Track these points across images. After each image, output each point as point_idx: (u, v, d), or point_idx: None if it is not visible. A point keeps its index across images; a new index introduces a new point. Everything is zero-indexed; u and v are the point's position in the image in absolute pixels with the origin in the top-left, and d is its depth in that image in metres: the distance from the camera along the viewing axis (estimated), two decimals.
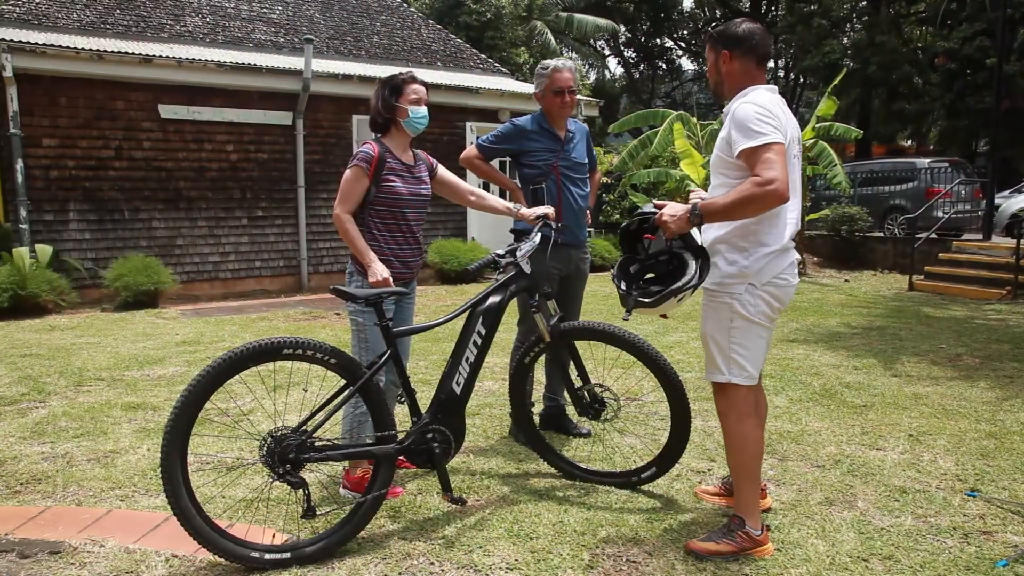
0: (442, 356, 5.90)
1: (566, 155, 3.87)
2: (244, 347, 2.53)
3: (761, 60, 2.69)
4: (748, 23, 2.69)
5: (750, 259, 2.61)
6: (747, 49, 2.66)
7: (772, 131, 2.47)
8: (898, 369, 5.54)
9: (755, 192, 2.41)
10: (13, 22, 10.35)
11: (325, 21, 13.56)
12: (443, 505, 3.09)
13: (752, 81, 2.68)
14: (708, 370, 2.76)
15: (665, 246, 2.71)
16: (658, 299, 2.61)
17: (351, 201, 3.13)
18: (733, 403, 2.69)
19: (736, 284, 2.62)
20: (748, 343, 2.65)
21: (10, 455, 3.71)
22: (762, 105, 2.53)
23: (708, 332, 2.72)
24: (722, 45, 2.69)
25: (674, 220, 2.59)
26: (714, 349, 2.69)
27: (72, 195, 9.41)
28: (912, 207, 13.49)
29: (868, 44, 21.89)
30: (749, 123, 2.48)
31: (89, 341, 6.80)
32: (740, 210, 2.49)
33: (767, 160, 2.43)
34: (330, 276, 11.23)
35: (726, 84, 2.73)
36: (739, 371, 2.65)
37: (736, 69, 2.68)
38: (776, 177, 2.40)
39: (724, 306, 2.65)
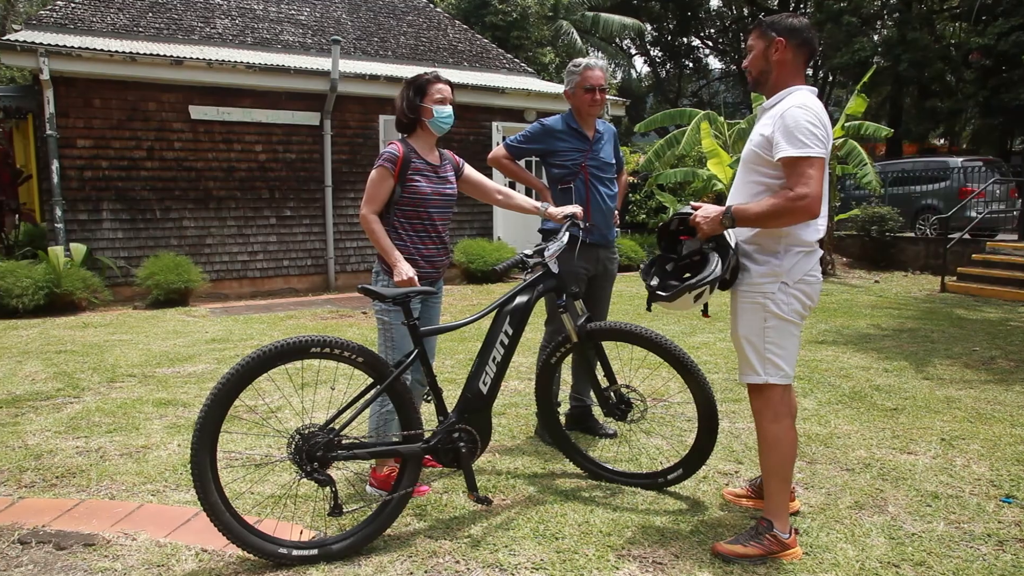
0: (468, 355, 5.92)
1: (594, 155, 3.86)
2: (273, 345, 2.56)
3: (809, 57, 2.67)
4: (797, 18, 2.66)
5: (782, 258, 2.62)
6: (802, 41, 2.63)
7: (818, 144, 2.46)
8: (930, 372, 5.45)
9: (787, 206, 2.46)
10: (51, 26, 10.57)
11: (352, 22, 13.66)
12: (469, 504, 3.10)
13: (798, 76, 2.66)
14: (743, 372, 2.74)
15: (699, 247, 2.74)
16: (673, 294, 2.65)
17: (377, 201, 3.16)
18: (769, 402, 2.67)
19: (769, 283, 2.62)
20: (783, 342, 2.64)
21: (47, 449, 3.79)
22: (815, 113, 2.50)
23: (742, 334, 2.70)
24: (777, 32, 2.63)
25: (707, 221, 2.64)
26: (749, 350, 2.68)
27: (105, 195, 9.58)
28: (944, 207, 13.24)
29: (899, 41, 21.54)
30: (798, 132, 2.46)
31: (121, 338, 6.92)
32: (771, 220, 2.54)
33: (806, 175, 2.44)
34: (357, 275, 11.32)
35: (774, 74, 2.66)
36: (775, 371, 2.64)
37: (788, 59, 2.63)
38: (809, 194, 2.43)
39: (758, 306, 2.64)
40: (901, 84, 23.11)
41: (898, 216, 13.26)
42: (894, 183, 14.95)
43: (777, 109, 2.59)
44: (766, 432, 2.69)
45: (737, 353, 2.77)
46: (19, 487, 3.31)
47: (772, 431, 2.67)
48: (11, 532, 2.82)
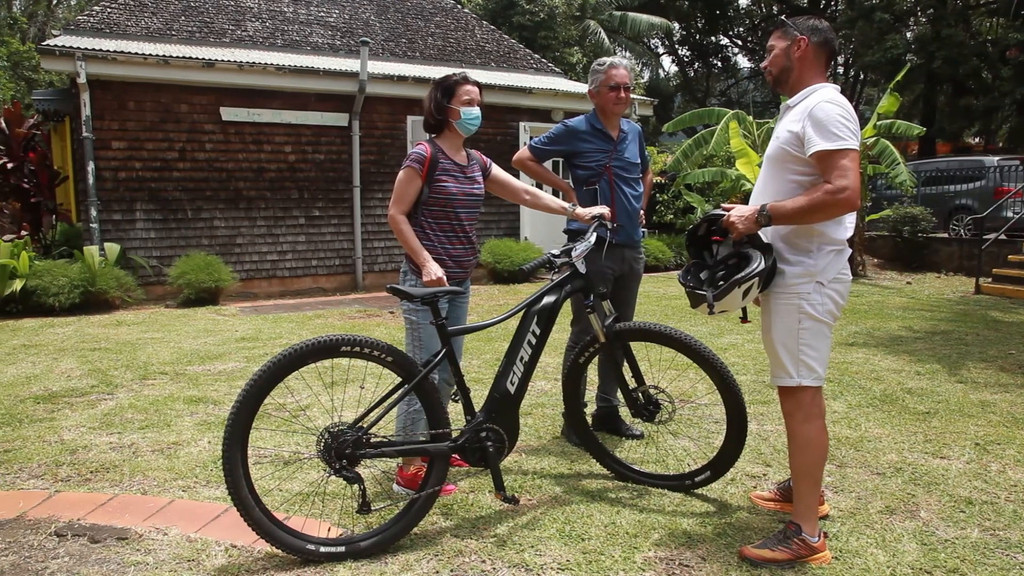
0: (495, 355, 5.94)
1: (619, 155, 3.85)
2: (303, 344, 2.59)
3: (830, 58, 2.67)
4: (818, 20, 2.67)
5: (816, 257, 2.59)
6: (824, 40, 2.64)
7: (851, 136, 2.45)
8: (963, 375, 5.35)
9: (827, 200, 2.43)
10: (88, 31, 10.80)
11: (380, 23, 13.75)
12: (495, 504, 3.10)
13: (819, 75, 2.65)
14: (775, 375, 2.70)
15: (733, 249, 2.68)
16: (722, 290, 2.58)
17: (405, 202, 3.18)
18: (800, 404, 2.64)
19: (803, 284, 2.59)
20: (816, 343, 2.61)
21: (82, 444, 3.87)
22: (844, 106, 2.50)
23: (775, 336, 2.66)
24: (799, 31, 2.64)
25: (742, 221, 2.60)
26: (783, 353, 2.64)
27: (138, 195, 9.77)
28: (979, 207, 12.97)
29: (933, 38, 21.14)
30: (830, 125, 2.45)
31: (154, 336, 7.05)
32: (810, 216, 2.50)
33: (842, 167, 2.42)
34: (384, 275, 11.39)
35: (795, 72, 2.66)
36: (808, 373, 2.61)
37: (810, 57, 2.63)
38: (848, 186, 2.40)
39: (792, 307, 2.61)
40: (934, 82, 22.68)
41: (931, 216, 13.02)
42: (927, 183, 14.68)
43: (804, 105, 2.57)
44: (797, 433, 2.66)
45: (769, 356, 2.73)
46: (55, 481, 3.39)
47: (803, 432, 2.64)
48: (48, 524, 2.89)
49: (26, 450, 3.79)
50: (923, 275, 12.27)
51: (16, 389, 5.02)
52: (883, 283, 11.36)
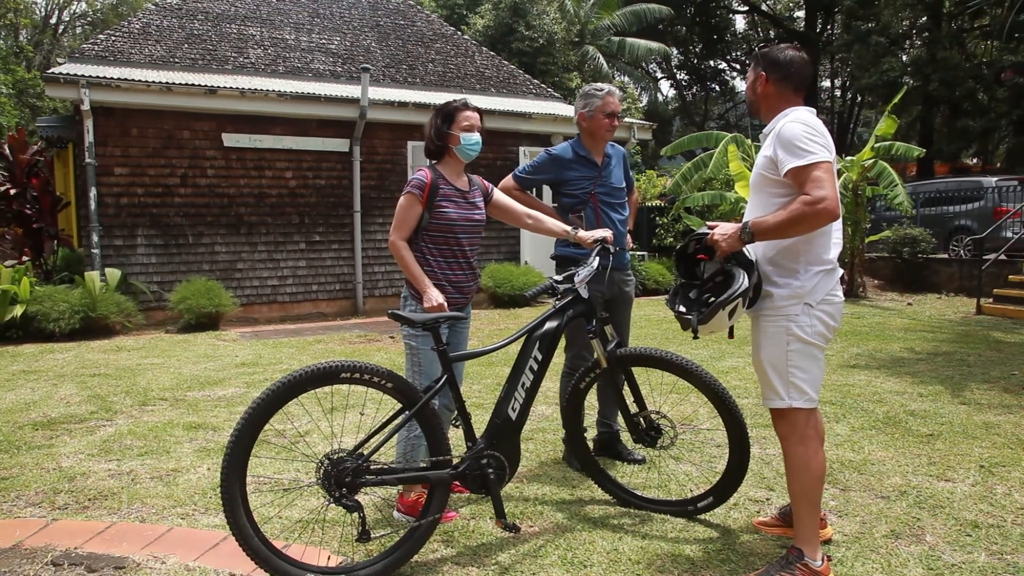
0: (495, 380, 5.92)
1: (604, 180, 3.87)
2: (303, 370, 2.58)
3: (798, 88, 2.71)
4: (792, 51, 2.72)
5: (802, 279, 2.61)
6: (784, 76, 2.69)
7: (820, 149, 2.49)
8: (967, 396, 5.32)
9: (806, 211, 2.45)
10: (92, 59, 10.92)
11: (381, 50, 13.89)
12: (496, 531, 3.07)
13: (788, 104, 2.70)
14: (766, 396, 2.70)
15: (720, 267, 2.70)
16: (707, 314, 2.59)
17: (406, 227, 3.19)
18: (794, 426, 2.64)
19: (792, 305, 2.60)
20: (807, 365, 2.60)
21: (80, 471, 3.85)
22: (808, 124, 2.55)
23: (765, 358, 2.66)
24: (762, 67, 2.73)
25: (725, 239, 2.62)
26: (772, 375, 2.64)
27: (140, 221, 9.80)
28: (979, 227, 13.00)
29: (929, 60, 21.34)
30: (796, 141, 2.50)
31: (154, 362, 7.03)
32: (791, 229, 2.51)
33: (816, 179, 2.45)
34: (385, 300, 11.39)
35: (761, 105, 2.77)
36: (799, 395, 2.61)
37: (771, 92, 2.72)
38: (826, 196, 2.43)
39: (780, 330, 2.61)
40: (931, 103, 22.83)
41: (931, 237, 13.05)
42: (926, 204, 14.73)
43: (773, 132, 2.64)
44: (792, 456, 2.65)
45: (760, 378, 2.73)
46: (53, 509, 3.36)
47: (798, 454, 2.63)
48: (44, 554, 2.86)
49: (24, 477, 3.76)
50: (924, 296, 12.26)
51: (15, 415, 5.00)
52: (884, 304, 11.35)
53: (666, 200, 14.87)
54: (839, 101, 34.63)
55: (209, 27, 12.56)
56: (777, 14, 33.78)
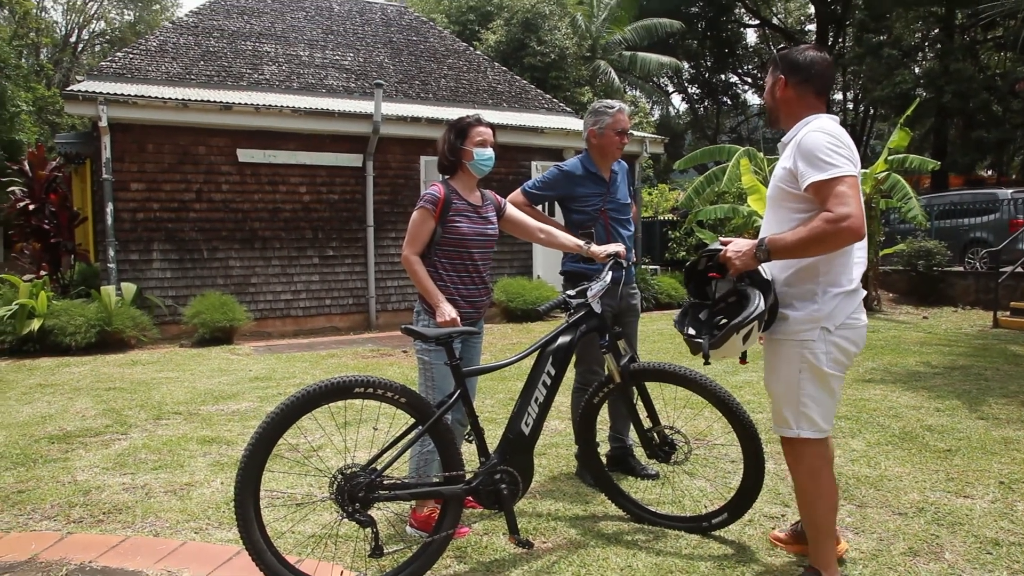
0: (508, 395, 5.91)
1: (612, 196, 3.88)
2: (317, 385, 2.59)
3: (820, 91, 2.55)
4: (813, 51, 2.55)
5: (821, 301, 2.45)
6: (805, 78, 2.52)
7: (844, 163, 2.32)
8: (984, 411, 5.26)
9: (827, 229, 2.27)
10: (110, 76, 11.08)
11: (394, 66, 14.01)
12: (510, 546, 3.06)
13: (810, 110, 2.54)
14: (776, 422, 2.60)
15: (732, 286, 2.55)
16: (720, 337, 2.45)
17: (419, 242, 3.20)
18: (802, 456, 2.53)
19: (808, 330, 2.45)
20: (819, 395, 2.47)
21: (95, 485, 3.87)
22: (832, 134, 2.38)
23: (775, 384, 2.55)
24: (780, 70, 2.56)
25: (739, 256, 2.47)
26: (782, 402, 2.52)
27: (156, 236, 9.90)
28: (995, 240, 12.89)
29: (942, 72, 21.27)
30: (819, 153, 2.33)
31: (168, 376, 7.07)
32: (811, 248, 2.35)
33: (840, 194, 2.28)
34: (397, 314, 11.42)
35: (781, 111, 2.60)
36: (809, 425, 2.48)
37: (791, 97, 2.55)
38: (850, 213, 2.25)
39: (794, 356, 2.48)
40: (945, 115, 22.73)
41: (946, 250, 12.95)
42: (941, 216, 14.63)
43: (793, 142, 2.48)
44: (803, 488, 2.56)
45: (771, 402, 2.62)
46: (68, 522, 3.38)
47: (808, 487, 2.53)
48: (59, 567, 2.87)
49: (40, 491, 3.79)
50: (939, 309, 12.15)
51: (31, 429, 5.04)
52: (899, 318, 11.26)
53: (678, 214, 14.87)
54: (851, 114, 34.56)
55: (225, 44, 12.72)
56: (788, 28, 33.82)
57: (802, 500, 2.58)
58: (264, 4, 14.11)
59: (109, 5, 33.93)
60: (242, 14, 13.60)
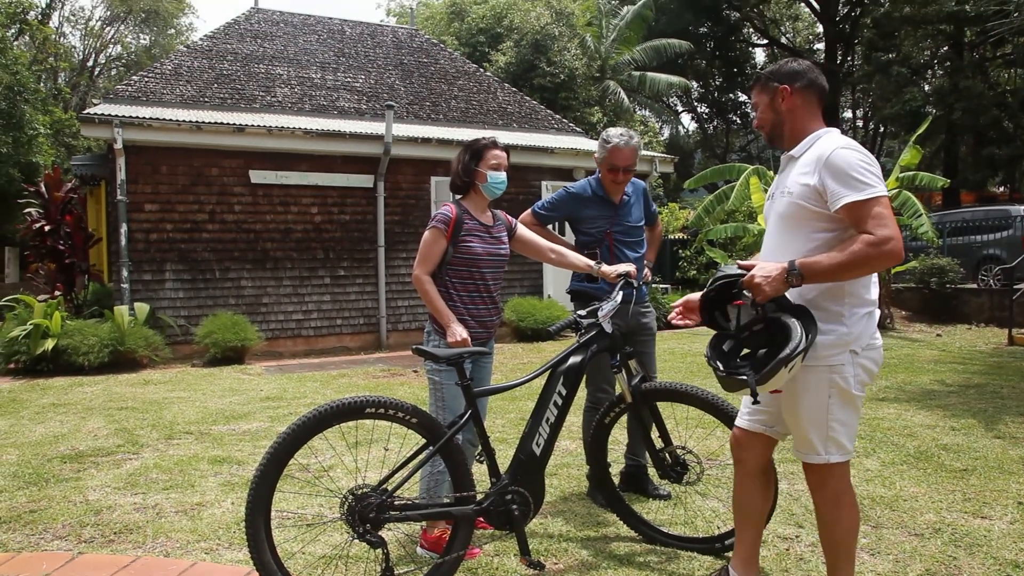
0: (518, 415, 5.89)
1: (620, 220, 3.87)
2: (328, 406, 2.59)
3: (822, 98, 2.48)
4: (799, 60, 2.50)
5: (849, 323, 2.34)
6: (808, 82, 2.45)
7: (879, 182, 2.23)
8: (1001, 430, 5.20)
9: (871, 253, 2.18)
10: (125, 99, 11.24)
11: (405, 87, 14.14)
12: (521, 568, 3.04)
13: (815, 120, 2.46)
14: (801, 450, 2.47)
15: (757, 313, 2.36)
16: (766, 372, 2.24)
17: (430, 262, 3.21)
18: (826, 482, 2.45)
19: (837, 355, 2.34)
20: (847, 418, 2.38)
21: (106, 504, 3.88)
22: (863, 152, 2.29)
23: (803, 414, 2.40)
24: (779, 80, 2.47)
25: (768, 282, 2.27)
26: (809, 429, 2.40)
27: (169, 256, 9.98)
28: (1008, 257, 12.81)
29: (952, 89, 21.26)
30: (854, 172, 2.23)
31: (180, 395, 7.10)
32: (850, 272, 2.25)
33: (879, 216, 2.19)
34: (408, 334, 11.44)
35: (787, 123, 2.48)
36: (837, 450, 2.39)
37: (799, 104, 2.45)
38: (892, 235, 2.18)
39: (822, 381, 2.35)
40: (955, 132, 22.68)
41: (959, 267, 12.87)
42: (953, 233, 14.56)
43: (813, 154, 2.36)
44: (824, 513, 2.48)
45: (793, 431, 2.49)
46: (79, 542, 3.39)
47: (830, 513, 2.46)
48: None
49: (51, 510, 3.80)
50: (953, 327, 12.05)
51: (44, 448, 5.06)
52: (912, 336, 11.17)
53: (689, 233, 14.86)
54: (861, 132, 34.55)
55: (238, 67, 12.89)
56: (797, 47, 33.93)
57: (824, 527, 2.51)
58: (277, 28, 14.31)
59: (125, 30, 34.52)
60: (255, 38, 13.79)
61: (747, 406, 2.66)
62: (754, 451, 2.62)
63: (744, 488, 2.67)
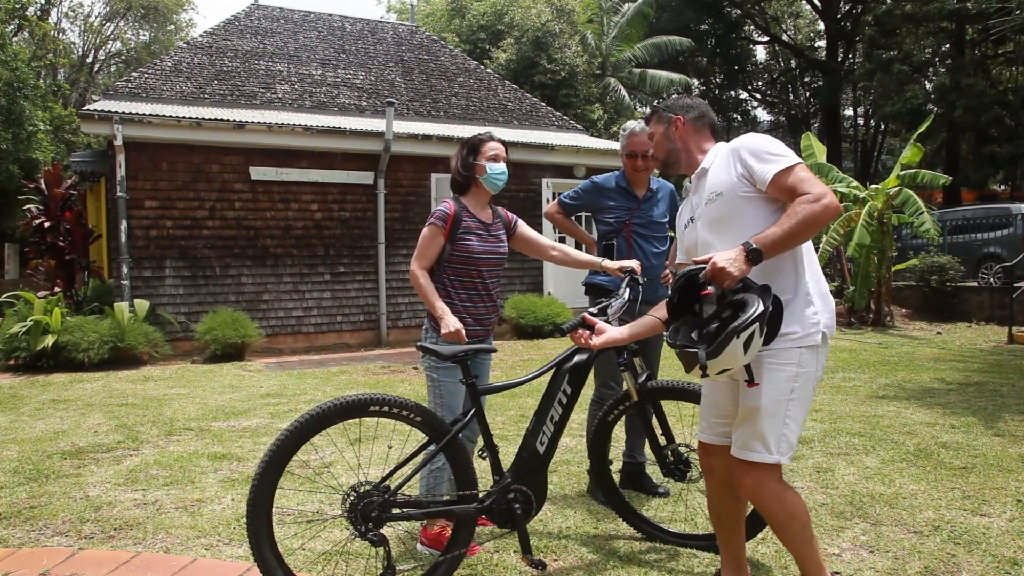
0: (519, 411, 5.89)
1: (642, 213, 3.89)
2: (331, 403, 2.58)
3: (714, 131, 2.63)
4: (695, 97, 2.71)
5: (818, 305, 2.37)
6: (700, 115, 2.62)
7: (790, 153, 2.35)
8: (1001, 428, 5.20)
9: (815, 209, 2.22)
10: (125, 96, 11.23)
11: (406, 84, 14.13)
12: (520, 565, 3.04)
13: (710, 143, 2.60)
14: (746, 446, 2.36)
15: (724, 299, 2.27)
16: (717, 345, 2.14)
17: (426, 257, 3.21)
18: (764, 482, 2.36)
19: (800, 346, 2.32)
20: (799, 415, 2.34)
21: (106, 501, 3.88)
22: (764, 135, 2.44)
23: (763, 405, 2.32)
24: (673, 112, 2.62)
25: (732, 263, 2.21)
26: (765, 425, 2.32)
27: (169, 253, 9.98)
28: (1008, 255, 12.81)
29: (953, 87, 21.24)
30: (768, 149, 2.36)
31: (180, 392, 7.10)
32: (804, 233, 2.26)
33: (806, 179, 2.29)
34: (408, 330, 11.44)
35: (682, 152, 2.61)
36: (788, 448, 2.34)
37: (691, 132, 2.60)
38: (825, 191, 2.25)
39: (785, 374, 2.32)
40: (956, 130, 22.66)
41: (959, 265, 12.87)
42: (954, 231, 14.56)
43: (722, 155, 2.48)
44: (772, 513, 2.38)
45: (742, 425, 2.39)
46: (79, 538, 3.39)
47: (777, 512, 2.37)
48: None
49: (51, 506, 3.80)
50: (953, 325, 12.06)
51: (44, 444, 5.07)
52: (912, 333, 11.17)
53: None
54: (862, 129, 34.53)
55: (238, 64, 12.88)
56: (798, 44, 33.89)
57: (776, 528, 2.42)
58: (277, 24, 14.29)
59: (125, 26, 34.46)
60: (255, 34, 13.77)
61: (705, 419, 2.64)
62: (723, 458, 2.57)
63: (719, 497, 2.66)
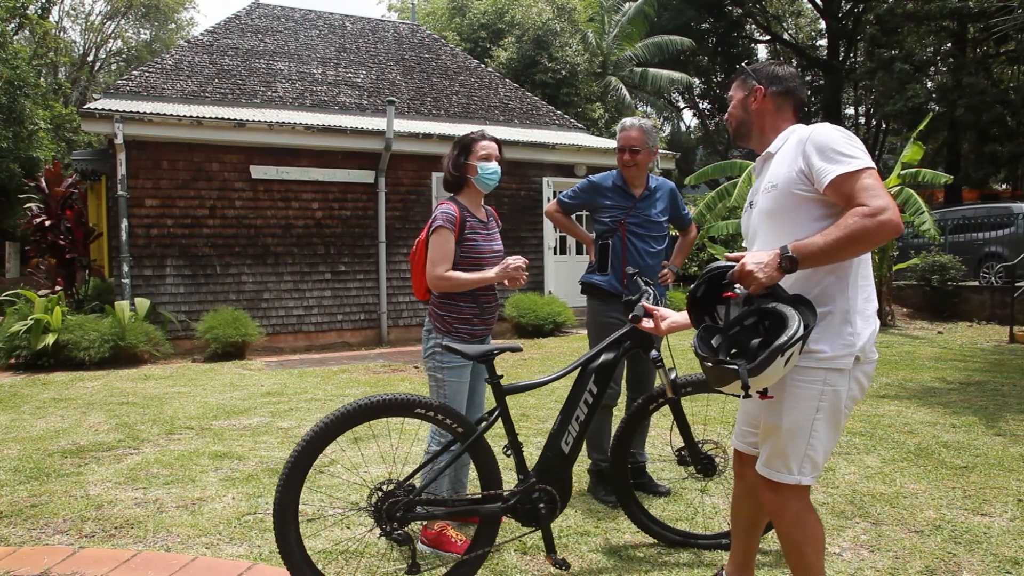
0: (520, 410, 5.89)
1: (638, 212, 3.87)
2: (379, 398, 2.55)
3: (797, 109, 2.38)
4: (787, 67, 2.41)
5: (856, 323, 2.15)
6: (785, 91, 2.35)
7: (864, 155, 2.08)
8: (1002, 428, 5.19)
9: (867, 225, 1.97)
10: (126, 94, 11.23)
11: (406, 83, 14.12)
12: (520, 563, 3.03)
13: (787, 122, 2.35)
14: (769, 465, 2.25)
15: (749, 307, 2.15)
16: (760, 362, 1.99)
17: (447, 260, 3.14)
18: (788, 502, 2.23)
19: (833, 365, 2.14)
20: (827, 436, 2.19)
21: (107, 499, 3.88)
22: (844, 130, 2.16)
23: (785, 424, 2.19)
24: (756, 80, 2.37)
25: (762, 268, 2.06)
26: (789, 445, 2.19)
27: (169, 251, 9.98)
28: (1010, 254, 12.79)
29: (954, 86, 21.22)
30: (836, 147, 2.08)
31: (180, 390, 7.10)
32: (849, 249, 2.03)
33: (870, 187, 2.01)
34: (409, 329, 11.44)
35: (755, 125, 2.38)
36: (811, 470, 2.19)
37: (769, 109, 2.35)
38: (887, 205, 1.98)
39: (812, 393, 2.15)
40: (958, 129, 22.64)
41: (960, 264, 12.85)
42: (955, 230, 14.55)
43: (791, 143, 2.23)
44: (788, 535, 2.26)
45: (766, 442, 2.27)
46: (80, 536, 3.39)
47: (795, 534, 2.24)
48: None
49: (52, 505, 3.80)
50: (954, 324, 12.04)
51: (45, 443, 5.07)
52: (913, 333, 11.16)
53: None
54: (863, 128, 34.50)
55: (239, 62, 12.88)
56: (799, 43, 33.86)
57: (788, 550, 2.31)
58: (278, 23, 14.29)
59: (126, 24, 34.47)
60: (256, 33, 13.77)
61: (738, 427, 2.58)
62: (752, 468, 2.48)
63: (743, 502, 2.61)
